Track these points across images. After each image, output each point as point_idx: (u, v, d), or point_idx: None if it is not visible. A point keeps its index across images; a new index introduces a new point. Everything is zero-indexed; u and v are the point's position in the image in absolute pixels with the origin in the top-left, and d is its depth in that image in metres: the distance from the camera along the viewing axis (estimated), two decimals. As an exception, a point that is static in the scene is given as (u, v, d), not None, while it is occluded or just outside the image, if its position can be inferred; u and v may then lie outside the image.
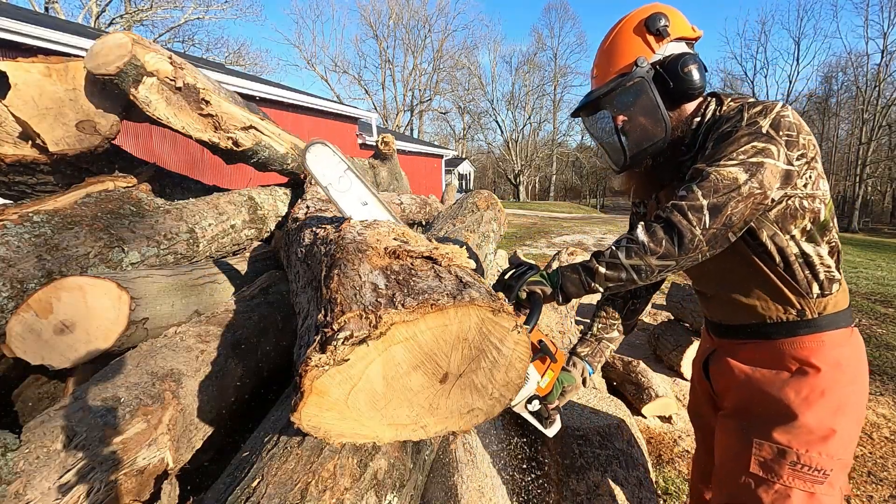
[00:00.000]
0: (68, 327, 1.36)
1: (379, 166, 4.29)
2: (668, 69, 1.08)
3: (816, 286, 1.04)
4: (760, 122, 0.97)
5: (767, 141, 0.95)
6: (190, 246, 2.12)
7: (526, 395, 1.12)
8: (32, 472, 0.88)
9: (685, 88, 1.08)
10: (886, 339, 4.50)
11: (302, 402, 0.74)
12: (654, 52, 1.11)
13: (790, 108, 0.99)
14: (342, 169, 1.20)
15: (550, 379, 1.15)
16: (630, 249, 0.99)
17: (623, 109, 1.15)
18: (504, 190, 48.99)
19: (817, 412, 1.01)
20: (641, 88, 1.10)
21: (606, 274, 1.01)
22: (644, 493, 1.65)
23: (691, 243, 0.94)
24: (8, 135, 1.93)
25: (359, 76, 41.74)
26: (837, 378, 1.02)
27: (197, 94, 2.18)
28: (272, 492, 0.87)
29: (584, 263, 1.05)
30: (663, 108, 1.10)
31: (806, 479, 1.00)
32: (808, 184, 1.00)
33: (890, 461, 2.48)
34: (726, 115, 1.04)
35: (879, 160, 32.45)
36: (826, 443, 1.00)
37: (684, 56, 1.08)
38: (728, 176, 0.94)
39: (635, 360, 3.13)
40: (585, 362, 1.34)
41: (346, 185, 1.21)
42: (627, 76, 1.10)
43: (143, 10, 22.10)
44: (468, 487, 1.36)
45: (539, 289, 1.08)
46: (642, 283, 1.01)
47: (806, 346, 1.05)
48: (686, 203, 0.95)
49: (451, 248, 0.97)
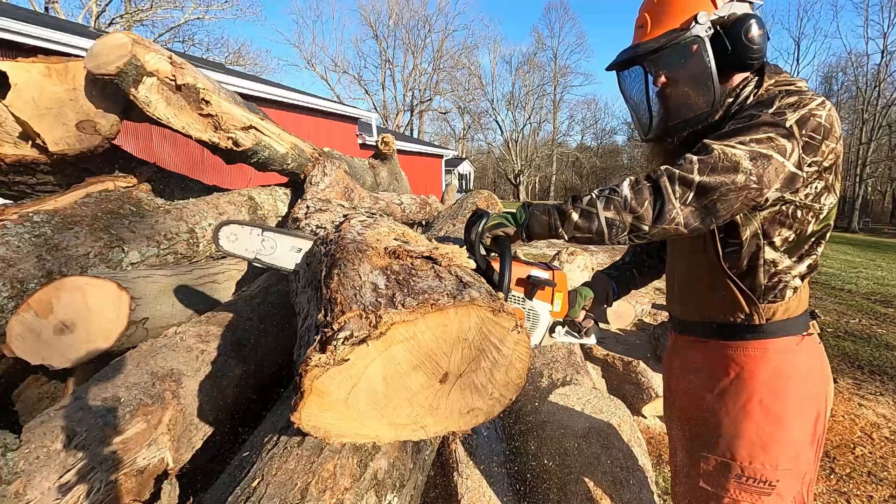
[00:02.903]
0: (68, 327, 1.36)
1: (379, 166, 4.29)
2: (731, 32, 0.95)
3: (771, 294, 0.99)
4: (787, 115, 0.88)
5: (786, 136, 0.86)
6: (190, 246, 2.12)
7: (544, 330, 1.13)
8: (32, 472, 0.89)
9: (744, 57, 0.95)
10: (886, 339, 4.49)
11: (302, 402, 0.74)
12: (717, 8, 0.97)
13: (829, 108, 0.89)
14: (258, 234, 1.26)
15: (561, 300, 1.14)
16: (610, 201, 0.90)
17: (671, 69, 1.01)
18: (504, 190, 48.98)
19: (756, 421, 0.97)
20: (697, 50, 0.97)
21: (577, 222, 0.93)
22: (644, 493, 1.65)
23: (668, 214, 0.87)
24: (8, 135, 1.93)
25: (359, 76, 41.77)
26: (779, 387, 0.97)
27: (197, 94, 2.18)
28: (272, 492, 0.87)
29: (559, 206, 0.97)
30: (716, 76, 0.97)
31: (752, 492, 0.97)
32: (810, 194, 0.93)
33: (890, 461, 2.48)
34: (759, 102, 0.95)
35: (879, 160, 32.41)
36: (768, 452, 0.96)
37: (750, 19, 0.95)
38: (731, 158, 0.85)
39: (635, 360, 3.13)
40: (612, 281, 1.33)
41: (272, 245, 1.26)
42: (683, 32, 0.97)
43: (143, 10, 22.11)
44: (468, 487, 1.36)
45: (501, 231, 1.03)
46: (608, 242, 0.93)
47: (748, 352, 1.00)
48: (679, 172, 0.87)
49: (451, 248, 0.97)
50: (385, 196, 3.32)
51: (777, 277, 0.98)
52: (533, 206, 1.01)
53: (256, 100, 8.14)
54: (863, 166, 29.20)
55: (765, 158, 0.85)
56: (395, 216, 3.17)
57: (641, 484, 1.67)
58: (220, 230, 1.24)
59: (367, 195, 3.03)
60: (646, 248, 1.37)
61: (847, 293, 6.57)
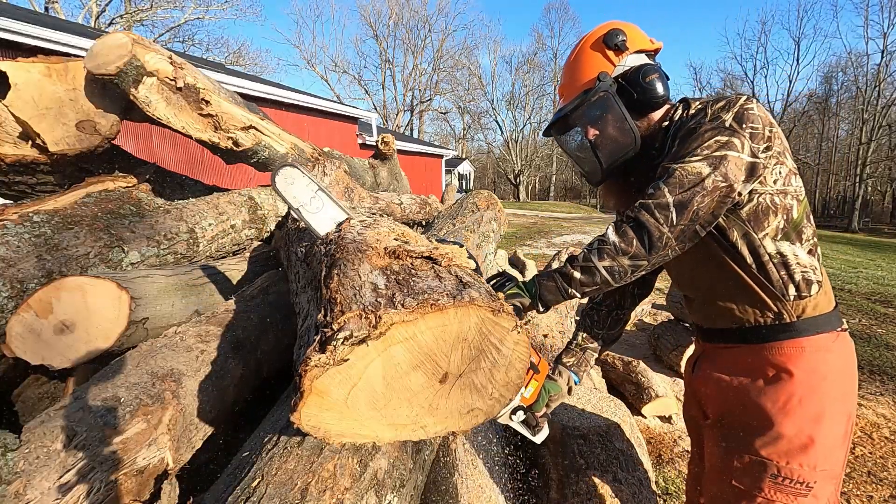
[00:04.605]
0: (68, 327, 1.36)
1: (379, 166, 4.29)
2: (630, 80, 1.10)
3: (793, 288, 1.01)
4: (724, 117, 0.97)
5: (731, 134, 0.95)
6: (190, 246, 2.13)
7: (511, 407, 1.13)
8: (32, 472, 0.89)
9: (649, 97, 1.10)
10: (886, 339, 4.49)
11: (302, 402, 0.74)
12: (616, 66, 1.13)
13: (755, 101, 0.99)
14: (313, 189, 1.24)
15: (535, 389, 1.15)
16: (602, 251, 0.99)
17: (592, 123, 1.17)
18: (504, 190, 48.98)
19: (795, 421, 0.98)
20: (606, 101, 1.12)
21: (581, 279, 1.01)
22: (644, 493, 1.65)
23: (660, 241, 0.95)
24: (8, 135, 1.93)
25: (359, 76, 41.78)
26: (816, 385, 0.98)
27: (197, 94, 2.18)
28: (272, 492, 0.87)
29: (560, 269, 1.05)
30: (630, 118, 1.12)
31: (788, 493, 0.97)
32: (778, 180, 0.99)
33: (890, 461, 2.48)
34: (691, 116, 1.06)
35: (879, 160, 32.40)
36: (806, 453, 0.96)
37: (645, 66, 1.11)
38: (692, 171, 0.94)
39: (635, 360, 3.13)
40: (571, 371, 1.34)
41: (318, 205, 1.25)
42: (592, 91, 1.13)
43: (143, 10, 22.11)
44: (468, 487, 1.36)
45: (517, 301, 1.08)
46: (617, 284, 1.00)
47: (784, 351, 1.02)
48: (653, 201, 0.96)
49: (450, 248, 0.97)
50: (385, 196, 3.32)
51: (790, 269, 1.01)
52: (538, 276, 1.09)
53: (256, 100, 8.14)
54: (863, 166, 29.19)
55: (721, 159, 0.94)
56: (395, 216, 3.18)
57: (641, 484, 1.68)
58: (283, 169, 1.22)
59: (367, 195, 3.03)
60: (595, 320, 1.39)
61: (847, 293, 6.57)
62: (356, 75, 41.66)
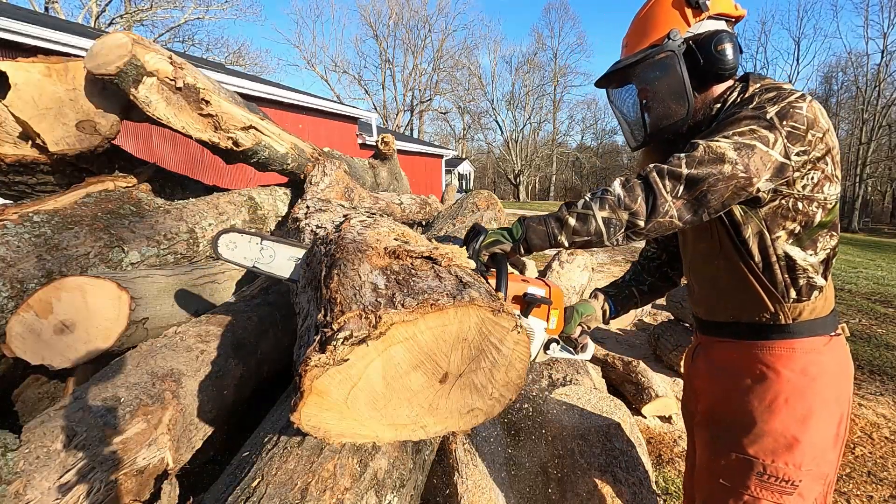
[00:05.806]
0: (68, 327, 1.36)
1: (379, 166, 4.29)
2: (702, 46, 1.03)
3: (794, 291, 1.00)
4: (768, 108, 0.92)
5: (767, 127, 0.90)
6: (190, 246, 2.13)
7: (539, 346, 1.14)
8: (32, 472, 0.89)
9: (716, 68, 1.02)
10: (886, 339, 4.49)
11: (302, 402, 0.74)
12: (690, 27, 1.05)
13: (809, 101, 0.93)
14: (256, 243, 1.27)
15: (557, 318, 1.16)
16: (604, 201, 0.95)
17: (648, 83, 1.10)
18: (504, 190, 48.98)
19: (782, 420, 0.98)
20: (670, 63, 1.05)
21: (575, 226, 0.97)
22: (644, 493, 1.65)
23: (662, 207, 0.92)
24: (8, 135, 1.93)
25: (359, 76, 41.81)
26: (805, 386, 0.98)
27: (197, 94, 2.18)
28: (272, 492, 0.87)
29: (556, 214, 1.01)
30: (689, 86, 1.04)
31: (774, 491, 0.97)
32: (807, 185, 0.95)
33: (890, 461, 2.48)
34: (742, 102, 1.00)
35: (879, 160, 32.41)
36: (792, 452, 0.96)
37: (720, 34, 1.02)
38: (716, 150, 0.90)
39: (635, 360, 3.13)
40: (610, 301, 1.34)
41: (270, 254, 1.27)
42: (657, 48, 1.05)
43: (143, 10, 22.11)
44: (468, 487, 1.36)
45: (498, 248, 1.05)
46: (606, 242, 0.97)
47: (775, 351, 1.01)
48: (668, 167, 0.92)
49: (451, 248, 0.97)
50: (385, 196, 3.32)
51: (795, 273, 1.00)
52: (528, 219, 1.05)
53: (256, 100, 8.14)
54: (863, 166, 29.20)
55: (748, 148, 0.90)
56: (395, 216, 3.18)
57: (641, 484, 1.68)
58: (220, 238, 1.25)
59: (367, 195, 3.03)
60: (647, 266, 1.39)
61: (847, 293, 6.57)
62: (356, 75, 41.72)
